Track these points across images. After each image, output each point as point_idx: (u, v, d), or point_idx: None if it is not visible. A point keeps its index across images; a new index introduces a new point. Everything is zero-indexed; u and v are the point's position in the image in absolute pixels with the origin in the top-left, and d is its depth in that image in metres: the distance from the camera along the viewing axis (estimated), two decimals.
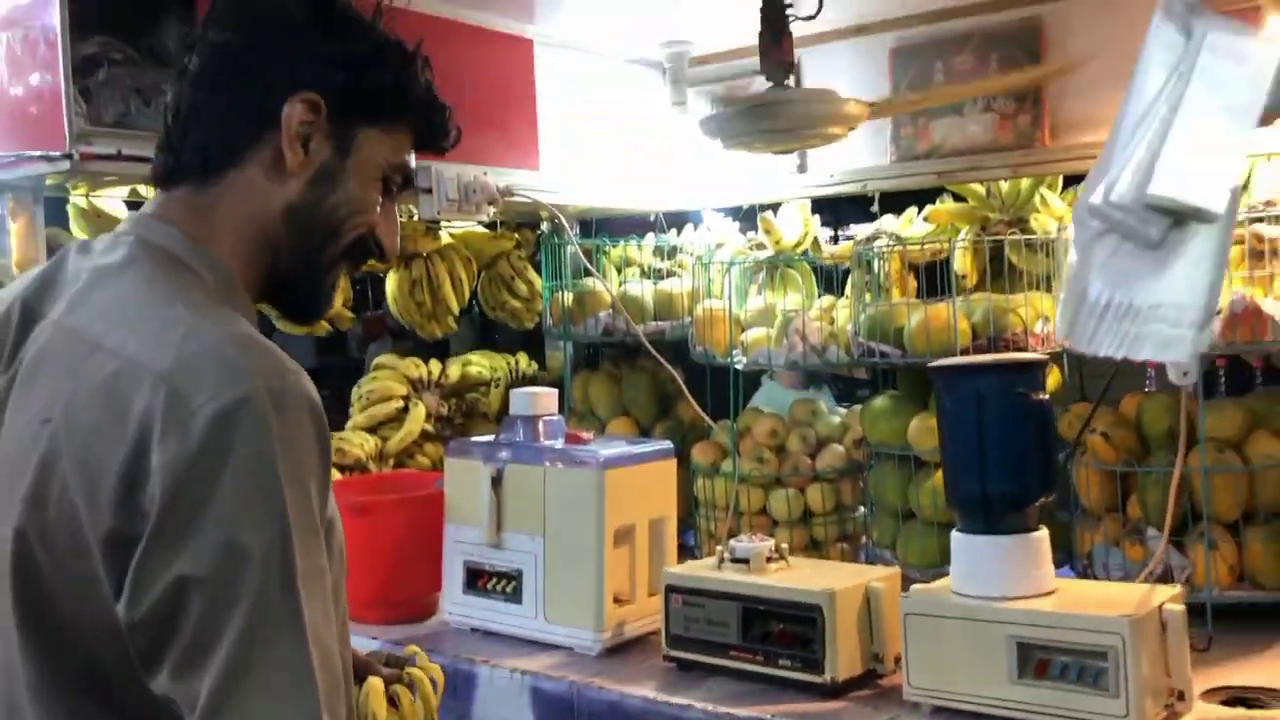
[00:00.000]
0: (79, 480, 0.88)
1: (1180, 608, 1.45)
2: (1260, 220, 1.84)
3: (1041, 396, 1.49)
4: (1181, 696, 1.44)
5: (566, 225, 2.38)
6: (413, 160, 1.12)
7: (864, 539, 2.22)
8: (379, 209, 1.09)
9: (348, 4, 1.08)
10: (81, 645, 0.91)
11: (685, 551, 2.24)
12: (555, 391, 2.06)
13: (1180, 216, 0.99)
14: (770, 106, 1.79)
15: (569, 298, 2.52)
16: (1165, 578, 1.76)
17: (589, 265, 2.39)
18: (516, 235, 2.83)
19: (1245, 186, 1.95)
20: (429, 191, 2.10)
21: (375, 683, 1.22)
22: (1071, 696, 1.40)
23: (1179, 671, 1.44)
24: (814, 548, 2.21)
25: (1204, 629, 1.71)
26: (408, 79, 1.08)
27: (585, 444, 1.93)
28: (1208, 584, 1.75)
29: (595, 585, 1.83)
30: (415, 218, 2.52)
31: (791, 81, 2.09)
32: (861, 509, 2.23)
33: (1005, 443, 1.48)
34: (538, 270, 2.77)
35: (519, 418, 1.99)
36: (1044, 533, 1.53)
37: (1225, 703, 1.51)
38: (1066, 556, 1.99)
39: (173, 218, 1.03)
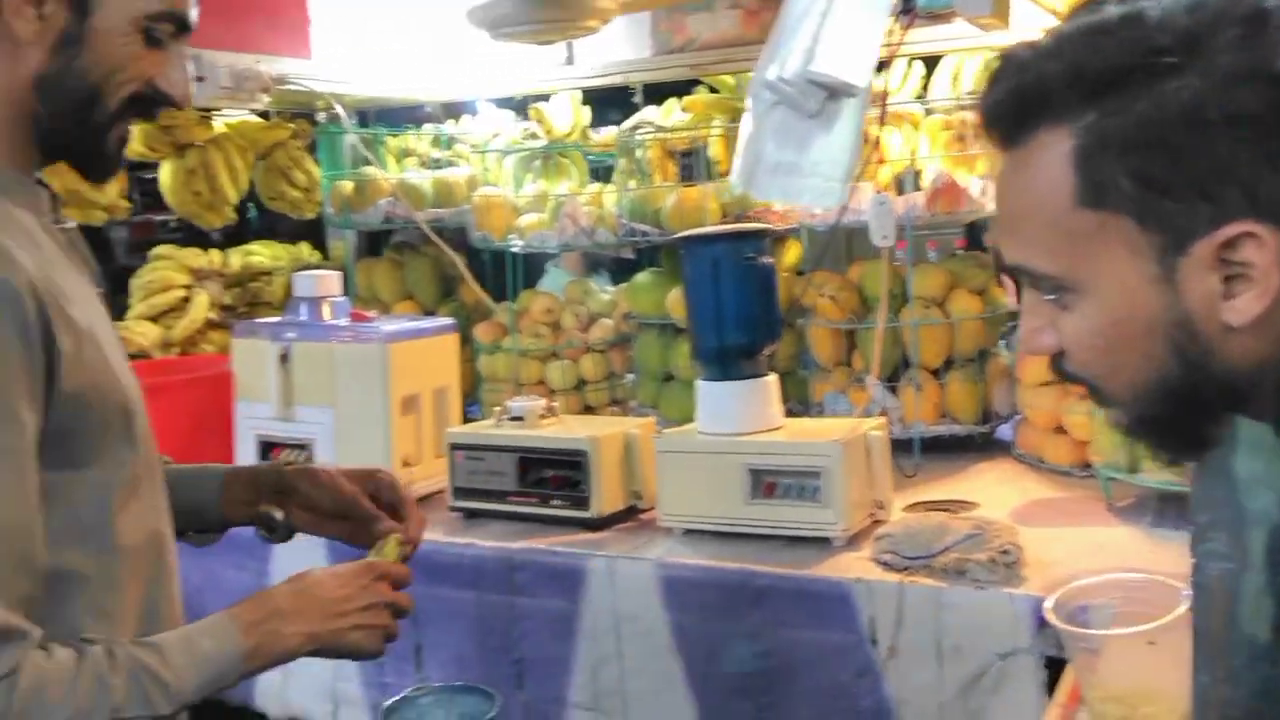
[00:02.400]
0: None
1: (882, 434, 1.73)
2: (965, 108, 2.12)
3: (766, 260, 1.72)
4: (882, 506, 1.73)
5: (344, 113, 2.45)
6: (190, 6, 1.07)
7: (632, 402, 2.45)
8: (151, 60, 1.04)
9: None
10: None
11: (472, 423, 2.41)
12: (338, 274, 2.17)
13: (833, 91, 1.22)
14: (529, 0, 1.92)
15: (348, 186, 2.60)
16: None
17: (369, 154, 2.48)
18: (293, 126, 2.86)
19: (956, 78, 2.24)
20: (201, 80, 2.13)
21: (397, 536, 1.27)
22: (794, 510, 1.66)
23: (881, 486, 1.72)
24: (587, 412, 2.43)
25: (912, 459, 2.03)
26: None
27: (369, 322, 2.06)
28: (915, 421, 2.06)
29: (384, 450, 1.98)
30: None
31: None
32: (630, 375, 2.46)
33: (736, 300, 1.71)
34: (316, 161, 2.82)
35: (303, 299, 2.09)
36: (773, 378, 1.78)
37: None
38: (804, 407, 2.27)
39: None
